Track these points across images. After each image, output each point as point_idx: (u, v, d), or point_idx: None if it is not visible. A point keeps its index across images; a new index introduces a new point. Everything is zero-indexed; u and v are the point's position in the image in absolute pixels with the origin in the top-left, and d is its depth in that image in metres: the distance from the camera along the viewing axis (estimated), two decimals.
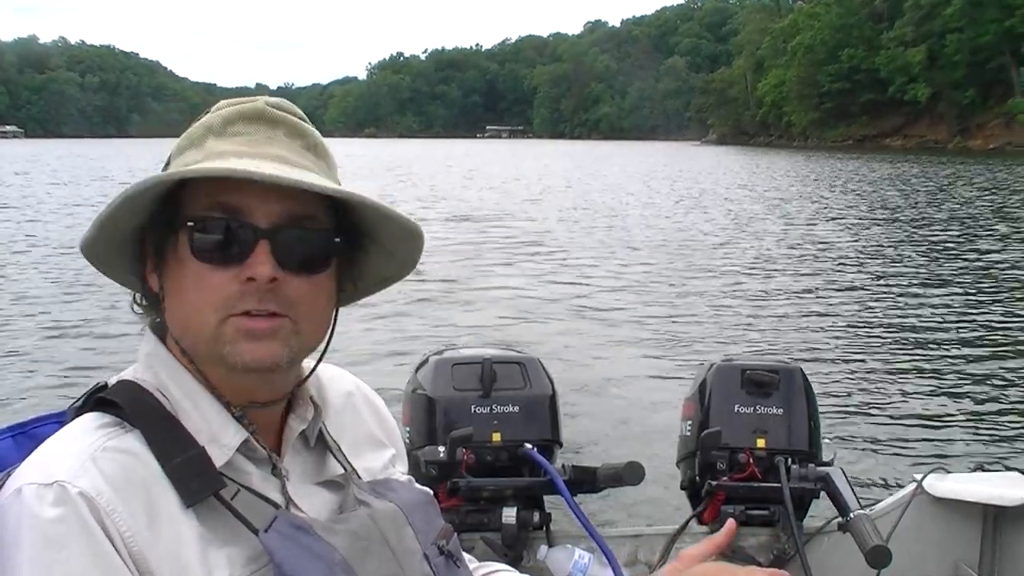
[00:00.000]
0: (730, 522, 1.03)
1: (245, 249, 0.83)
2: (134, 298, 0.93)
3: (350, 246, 0.92)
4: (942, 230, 16.40)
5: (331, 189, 0.83)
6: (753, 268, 12.25)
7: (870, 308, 9.54)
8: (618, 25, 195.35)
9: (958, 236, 15.50)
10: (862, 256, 13.42)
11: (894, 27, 74.48)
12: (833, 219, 18.62)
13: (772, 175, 36.28)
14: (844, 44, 77.99)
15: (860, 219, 18.59)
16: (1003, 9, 61.45)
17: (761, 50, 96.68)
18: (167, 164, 0.89)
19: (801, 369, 2.28)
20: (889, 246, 14.44)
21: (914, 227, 17.04)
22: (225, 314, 0.83)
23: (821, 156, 56.32)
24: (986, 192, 25.24)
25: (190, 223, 0.84)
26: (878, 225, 17.48)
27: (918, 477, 2.20)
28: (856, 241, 15.09)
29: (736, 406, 2.20)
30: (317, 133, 0.91)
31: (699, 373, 2.35)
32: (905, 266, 12.40)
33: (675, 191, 27.74)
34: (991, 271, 11.88)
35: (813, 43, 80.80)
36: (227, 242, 0.83)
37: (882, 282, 11.14)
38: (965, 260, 12.87)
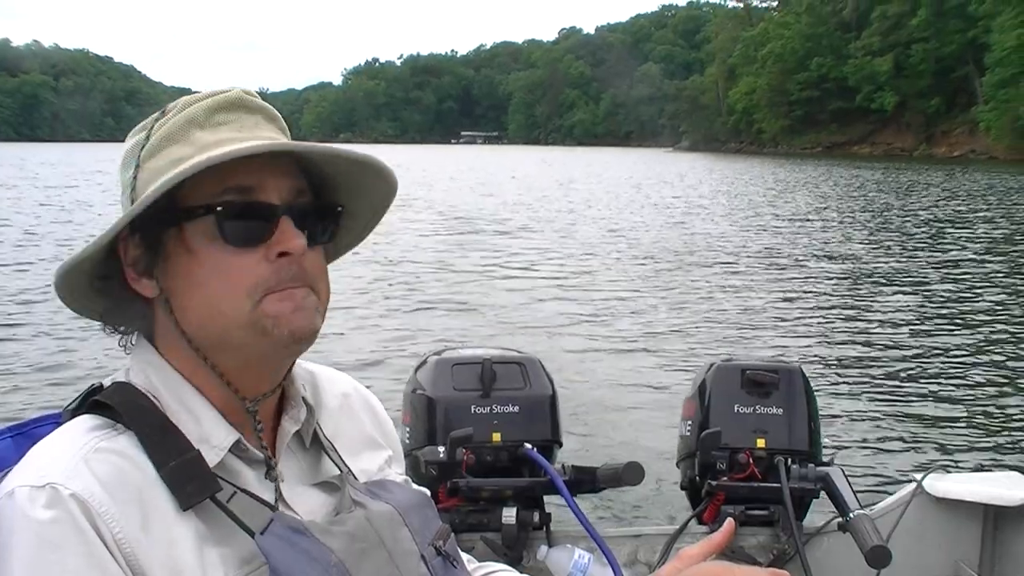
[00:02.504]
0: (728, 521, 1.03)
1: (270, 226, 0.83)
2: (103, 327, 0.91)
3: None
4: (946, 236, 16.43)
5: (357, 155, 0.87)
6: (753, 268, 12.34)
7: (870, 308, 9.60)
8: (592, 32, 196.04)
9: (957, 240, 15.59)
10: (862, 257, 13.55)
11: (862, 37, 75.83)
12: (827, 223, 18.76)
13: (749, 181, 36.62)
14: (813, 53, 79.19)
15: (853, 223, 18.73)
16: (967, 20, 62.88)
17: (733, 58, 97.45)
18: (136, 167, 0.86)
19: (801, 369, 2.30)
20: (889, 248, 14.56)
21: (910, 230, 17.20)
22: (261, 294, 0.83)
23: (792, 163, 56.98)
24: (970, 198, 25.65)
25: (218, 208, 0.82)
26: (873, 229, 17.58)
27: (918, 477, 2.21)
28: (855, 243, 15.21)
29: (736, 406, 2.21)
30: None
31: (699, 373, 2.36)
32: (905, 267, 12.53)
33: (663, 196, 27.91)
34: (991, 273, 12.01)
35: (783, 52, 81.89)
36: (251, 222, 0.83)
37: (882, 283, 11.24)
38: (965, 263, 13.00)
